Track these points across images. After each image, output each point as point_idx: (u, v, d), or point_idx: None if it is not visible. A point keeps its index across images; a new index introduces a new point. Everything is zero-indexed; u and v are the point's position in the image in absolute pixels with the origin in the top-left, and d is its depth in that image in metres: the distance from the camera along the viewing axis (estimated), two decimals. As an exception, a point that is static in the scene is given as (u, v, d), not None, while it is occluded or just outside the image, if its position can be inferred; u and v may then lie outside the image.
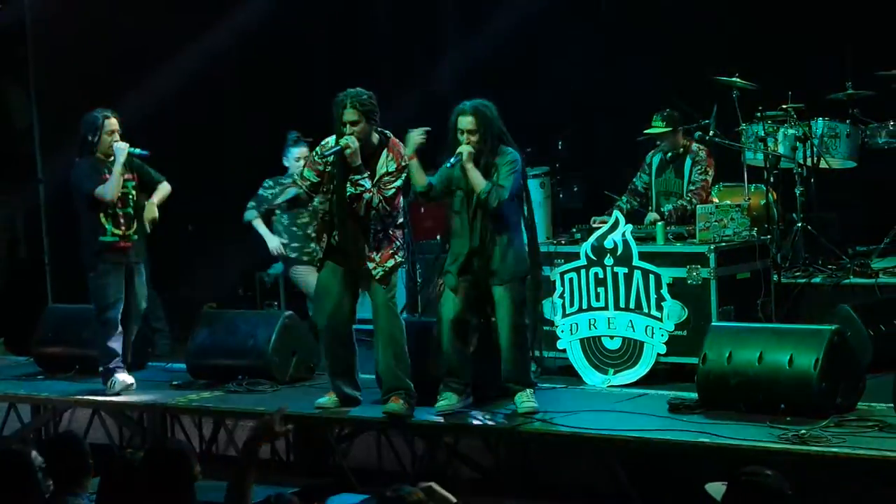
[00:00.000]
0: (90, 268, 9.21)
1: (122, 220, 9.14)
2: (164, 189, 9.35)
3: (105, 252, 9.13)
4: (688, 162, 9.74)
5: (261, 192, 10.21)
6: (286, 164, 10.20)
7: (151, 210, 9.23)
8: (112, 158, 9.12)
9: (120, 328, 9.20)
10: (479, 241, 7.97)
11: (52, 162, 12.08)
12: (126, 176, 9.16)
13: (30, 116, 12.11)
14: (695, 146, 9.80)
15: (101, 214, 9.10)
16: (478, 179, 7.91)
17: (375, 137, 8.20)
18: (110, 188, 9.05)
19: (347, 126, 8.09)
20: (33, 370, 10.57)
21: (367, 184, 8.09)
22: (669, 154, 9.80)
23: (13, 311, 11.53)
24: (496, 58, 11.92)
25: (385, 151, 8.17)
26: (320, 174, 8.29)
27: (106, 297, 9.18)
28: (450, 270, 8.09)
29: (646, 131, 9.84)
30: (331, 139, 8.27)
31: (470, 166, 7.90)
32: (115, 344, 9.23)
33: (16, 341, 11.02)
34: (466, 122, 7.97)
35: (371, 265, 8.17)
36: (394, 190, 8.15)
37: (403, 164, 8.15)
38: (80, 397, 9.64)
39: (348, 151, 8.04)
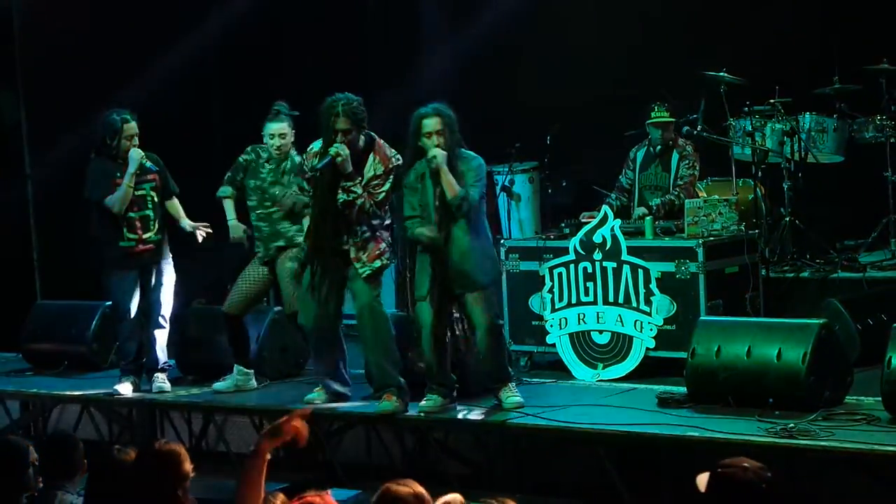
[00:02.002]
0: (106, 270, 9.14)
1: (138, 224, 9.03)
2: (179, 207, 9.29)
3: (121, 257, 9.03)
4: (675, 157, 9.73)
5: (239, 158, 9.21)
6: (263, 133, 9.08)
7: (192, 226, 9.21)
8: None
9: (136, 329, 9.14)
10: (448, 248, 7.90)
11: (40, 158, 12.07)
12: (148, 177, 9.06)
13: (18, 113, 12.08)
14: (681, 141, 9.80)
15: (117, 219, 8.99)
16: (452, 185, 7.83)
17: (362, 140, 8.20)
18: (117, 201, 8.93)
19: (339, 134, 8.07)
20: (22, 366, 10.56)
21: (360, 190, 8.09)
22: (658, 147, 9.78)
23: (1, 307, 11.51)
24: (484, 53, 11.92)
25: (371, 155, 8.16)
26: (311, 181, 8.30)
27: (120, 300, 9.12)
28: (424, 282, 8.01)
29: (650, 121, 9.77)
30: (316, 144, 8.26)
31: (445, 170, 7.83)
32: (131, 345, 9.18)
33: (4, 337, 11.00)
34: (432, 123, 7.88)
35: (358, 265, 8.17)
36: (384, 194, 8.17)
37: (391, 166, 8.15)
38: (69, 393, 9.64)
39: (339, 160, 8.04)
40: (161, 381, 9.19)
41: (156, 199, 9.12)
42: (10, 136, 12.16)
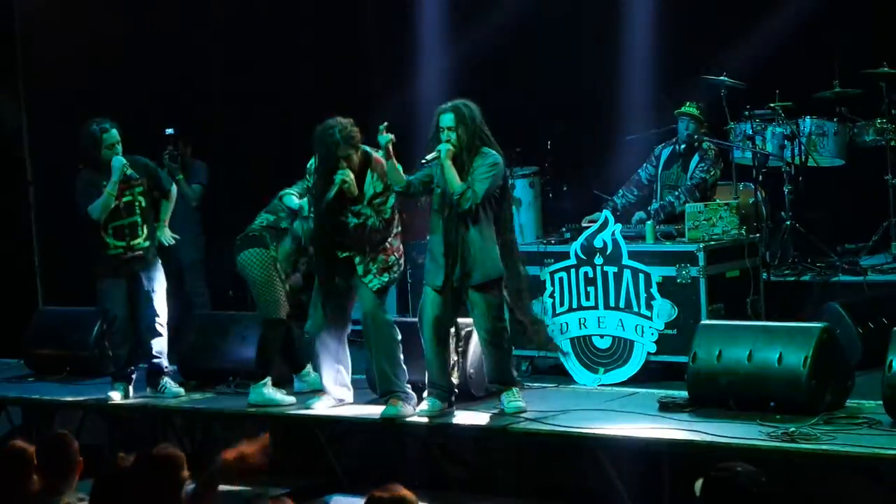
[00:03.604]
0: (96, 278, 9.16)
1: (126, 231, 9.04)
2: (168, 205, 9.27)
3: (108, 265, 9.06)
4: (695, 158, 9.72)
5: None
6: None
7: (165, 234, 9.24)
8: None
9: (127, 336, 9.16)
10: (452, 241, 7.93)
11: (41, 164, 12.08)
12: (134, 181, 9.05)
13: (19, 119, 12.10)
14: (706, 144, 9.76)
15: (102, 229, 9.01)
16: (453, 179, 7.85)
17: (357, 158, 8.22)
18: (97, 208, 8.95)
19: (341, 161, 8.08)
20: (24, 372, 10.57)
21: (369, 210, 8.12)
22: (683, 146, 9.76)
23: (4, 314, 11.52)
24: (485, 58, 11.93)
25: (369, 172, 8.17)
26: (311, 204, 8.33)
27: (110, 307, 9.16)
28: (438, 274, 8.05)
29: (677, 111, 9.76)
30: (311, 163, 8.30)
31: (448, 164, 7.85)
32: (122, 351, 9.21)
33: (6, 343, 11.01)
34: (446, 119, 7.93)
35: (367, 279, 8.17)
36: (389, 210, 8.17)
37: (389, 181, 8.16)
38: (70, 399, 9.64)
39: (346, 186, 8.06)
40: (172, 385, 9.21)
41: (143, 204, 9.11)
42: (11, 143, 12.16)
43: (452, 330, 8.19)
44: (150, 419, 9.31)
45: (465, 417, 8.11)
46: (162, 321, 9.18)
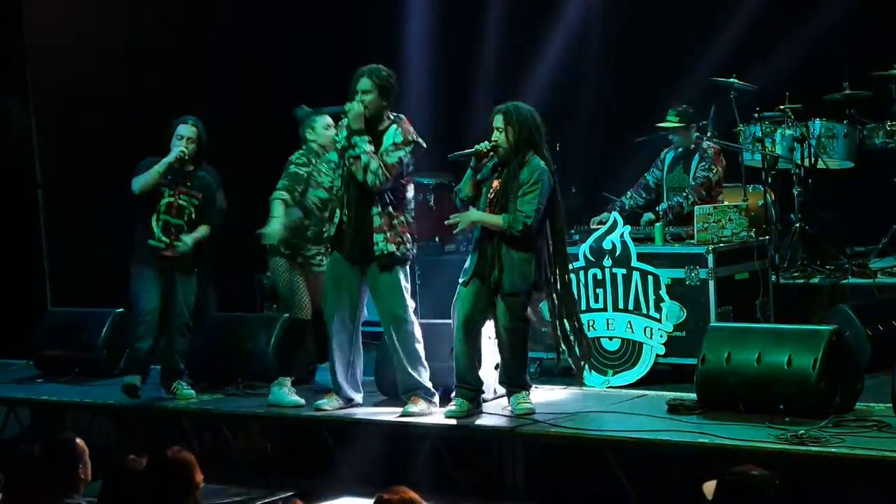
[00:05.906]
0: (132, 265, 9.16)
1: (172, 229, 9.07)
2: (201, 230, 9.19)
3: (147, 255, 9.06)
4: (696, 159, 9.73)
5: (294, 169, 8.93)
6: (311, 137, 8.91)
7: (184, 242, 9.12)
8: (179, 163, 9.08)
9: (151, 331, 9.15)
10: (487, 252, 7.95)
11: (50, 167, 12.09)
12: (195, 192, 9.11)
13: (29, 122, 12.11)
14: (705, 143, 9.76)
15: (153, 217, 9.04)
16: (494, 221, 7.89)
17: (388, 116, 8.18)
18: (139, 180, 9.00)
19: (359, 94, 8.07)
20: (32, 373, 10.57)
21: (365, 145, 8.03)
22: (681, 150, 9.78)
23: (12, 315, 11.53)
24: (492, 59, 11.93)
25: (394, 126, 8.15)
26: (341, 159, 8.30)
27: (137, 298, 9.15)
28: (470, 268, 8.05)
29: (658, 125, 9.81)
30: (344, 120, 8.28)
31: (480, 214, 7.93)
32: (143, 344, 9.17)
33: (15, 345, 11.02)
34: (497, 119, 7.97)
35: (379, 237, 8.07)
36: (396, 158, 8.06)
37: (410, 138, 8.11)
38: (79, 400, 9.65)
39: (352, 113, 8.03)
40: (185, 387, 9.22)
41: (193, 215, 9.15)
42: (21, 145, 12.18)
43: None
44: (158, 421, 9.30)
45: (474, 420, 8.10)
46: (189, 325, 9.21)
